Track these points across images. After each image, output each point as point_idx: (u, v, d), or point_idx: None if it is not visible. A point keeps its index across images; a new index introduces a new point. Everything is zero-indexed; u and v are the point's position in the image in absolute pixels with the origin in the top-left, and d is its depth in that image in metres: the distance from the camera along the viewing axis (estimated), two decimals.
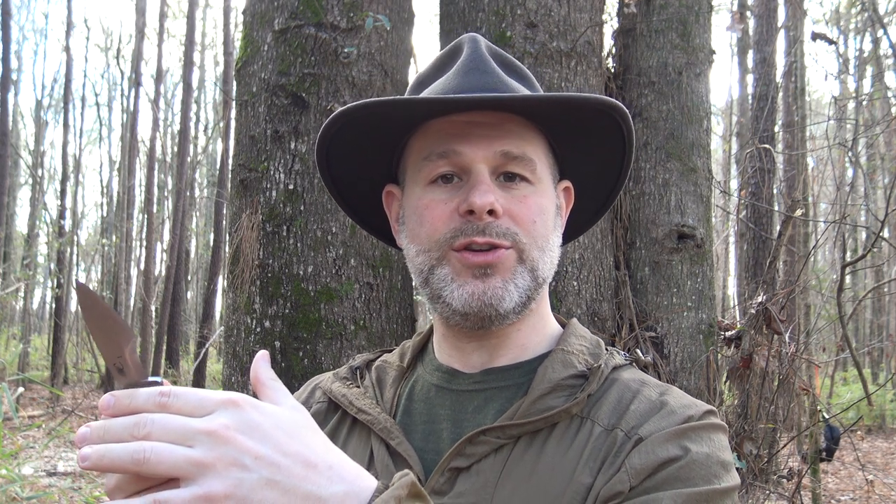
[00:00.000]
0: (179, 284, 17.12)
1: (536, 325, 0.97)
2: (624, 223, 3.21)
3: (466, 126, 0.90)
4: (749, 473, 3.17)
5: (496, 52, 1.00)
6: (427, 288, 0.92)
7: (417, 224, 0.92)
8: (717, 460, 0.82)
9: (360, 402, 0.96)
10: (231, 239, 2.82)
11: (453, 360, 0.97)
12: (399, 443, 0.90)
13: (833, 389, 13.89)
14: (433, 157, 0.91)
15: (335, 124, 0.93)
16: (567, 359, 0.93)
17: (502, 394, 0.92)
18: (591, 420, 0.87)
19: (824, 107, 19.06)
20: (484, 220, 0.87)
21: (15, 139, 23.20)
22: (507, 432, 0.87)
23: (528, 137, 0.92)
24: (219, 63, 22.97)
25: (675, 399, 0.88)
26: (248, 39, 2.91)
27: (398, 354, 1.04)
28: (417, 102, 0.89)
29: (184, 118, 16.75)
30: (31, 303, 25.53)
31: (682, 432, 0.83)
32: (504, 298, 0.88)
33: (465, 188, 0.89)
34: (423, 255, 0.92)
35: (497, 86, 0.93)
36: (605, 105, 0.91)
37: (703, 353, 3.13)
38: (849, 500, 7.70)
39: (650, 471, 0.80)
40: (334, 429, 0.98)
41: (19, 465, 6.25)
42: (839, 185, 12.03)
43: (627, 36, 3.39)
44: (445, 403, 0.94)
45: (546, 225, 0.92)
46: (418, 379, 0.99)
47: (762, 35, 9.67)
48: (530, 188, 0.91)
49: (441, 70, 1.00)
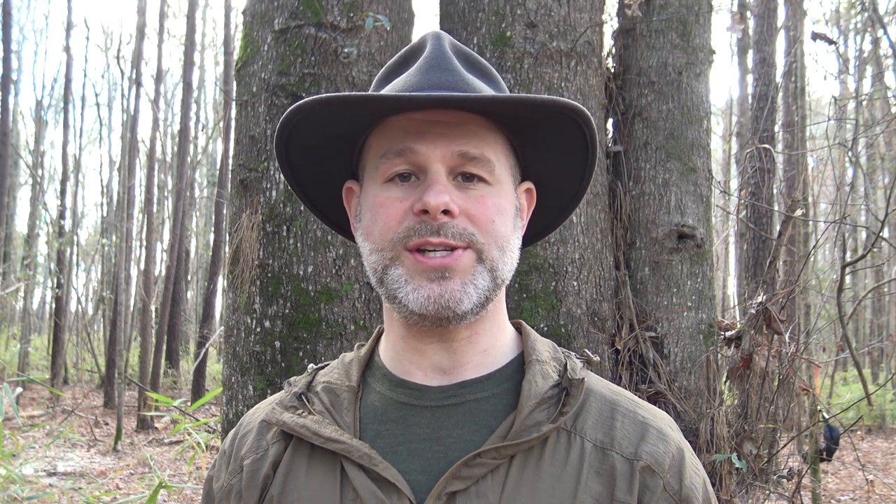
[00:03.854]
0: (179, 284, 17.12)
1: (494, 328, 0.95)
2: (624, 223, 3.21)
3: (424, 125, 0.88)
4: (749, 473, 3.17)
5: (460, 49, 0.98)
6: (382, 287, 0.90)
7: (372, 222, 0.90)
8: (708, 490, 0.93)
9: (325, 430, 0.90)
10: (231, 239, 2.82)
11: (413, 367, 0.93)
12: (385, 468, 0.86)
13: (833, 389, 13.88)
14: (390, 156, 0.89)
15: (293, 119, 0.92)
16: (544, 369, 0.92)
17: (479, 406, 0.91)
18: (579, 435, 0.89)
19: (824, 107, 19.06)
20: (438, 220, 0.85)
21: (15, 139, 23.20)
22: (503, 453, 0.85)
23: (488, 138, 0.90)
24: (219, 63, 22.99)
25: (649, 415, 0.93)
26: (248, 39, 2.91)
27: (342, 373, 0.98)
28: (373, 99, 0.88)
29: (184, 118, 16.74)
30: (31, 303, 25.54)
31: (683, 468, 0.91)
32: (462, 301, 0.86)
33: (421, 187, 0.87)
34: (377, 253, 0.90)
35: (458, 84, 0.91)
36: (566, 107, 0.89)
37: (703, 353, 3.13)
38: (849, 500, 7.70)
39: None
40: (289, 464, 0.92)
41: (20, 466, 6.25)
42: (839, 185, 12.02)
43: (627, 36, 3.39)
44: (422, 422, 0.90)
45: (505, 225, 0.90)
46: (377, 398, 0.94)
47: (762, 35, 9.67)
48: (488, 189, 0.89)
49: (403, 66, 0.98)
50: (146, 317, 14.90)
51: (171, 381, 17.20)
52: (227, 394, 2.77)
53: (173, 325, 17.22)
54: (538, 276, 2.82)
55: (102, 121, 25.81)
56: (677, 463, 0.89)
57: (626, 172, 3.25)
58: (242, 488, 0.94)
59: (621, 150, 3.28)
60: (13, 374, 15.65)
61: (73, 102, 21.41)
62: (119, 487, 7.81)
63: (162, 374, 15.77)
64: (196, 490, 7.10)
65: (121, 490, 7.60)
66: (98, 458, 9.82)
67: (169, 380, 17.06)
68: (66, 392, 16.61)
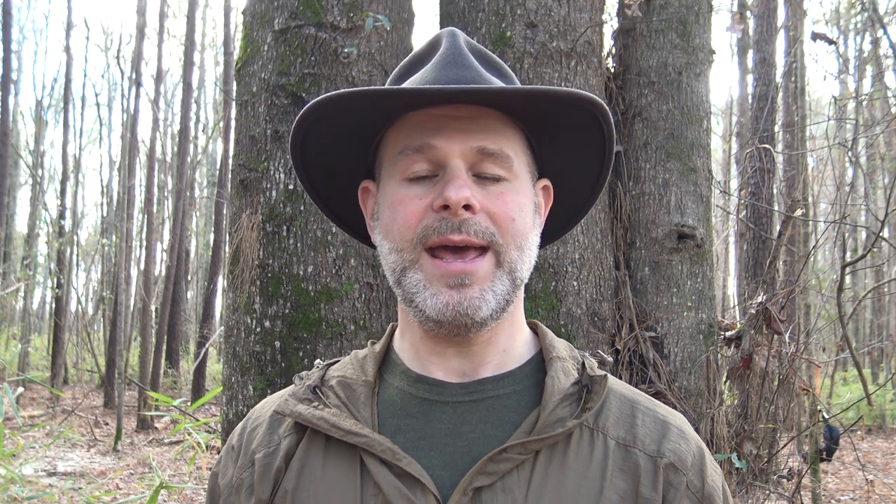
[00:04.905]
0: (179, 284, 17.12)
1: (513, 328, 0.95)
2: (624, 223, 3.21)
3: (443, 120, 0.87)
4: (749, 473, 3.17)
5: (475, 46, 0.98)
6: (399, 289, 0.89)
7: (391, 220, 0.89)
8: (726, 490, 0.94)
9: (344, 423, 0.88)
10: (231, 239, 2.82)
11: (433, 366, 0.93)
12: (408, 463, 0.85)
13: (833, 389, 13.89)
14: (408, 152, 0.88)
15: (310, 116, 0.91)
16: (565, 367, 0.93)
17: (502, 403, 0.90)
18: (602, 433, 0.89)
19: (824, 107, 19.06)
20: (460, 216, 0.84)
21: (15, 139, 23.20)
22: (528, 447, 0.85)
23: (506, 133, 0.90)
24: (219, 63, 22.98)
25: (668, 414, 0.95)
26: (248, 39, 2.91)
27: (357, 368, 0.96)
28: (391, 92, 0.87)
29: (184, 118, 16.74)
30: (31, 303, 25.54)
31: (705, 466, 0.92)
32: (481, 308, 0.85)
33: (441, 183, 0.86)
34: (396, 253, 0.89)
35: (475, 79, 0.91)
36: (584, 100, 0.88)
37: (703, 353, 3.13)
38: (849, 500, 7.70)
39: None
40: (304, 457, 0.91)
41: (20, 466, 6.25)
42: (839, 185, 12.03)
43: (627, 36, 3.39)
44: (443, 417, 0.89)
45: (525, 223, 0.90)
46: (395, 393, 0.93)
47: (762, 35, 9.67)
48: (507, 185, 0.89)
49: (419, 63, 0.98)
50: (146, 317, 14.90)
51: (171, 381, 17.21)
52: (227, 394, 2.77)
53: (173, 325, 17.21)
54: (538, 276, 2.82)
55: (102, 121, 25.81)
56: (699, 461, 0.90)
57: (626, 172, 3.25)
58: (255, 482, 0.92)
59: (621, 150, 3.28)
60: (13, 374, 15.65)
61: (73, 102, 21.42)
62: (119, 487, 7.81)
63: (162, 374, 15.77)
64: (196, 490, 7.10)
65: (121, 490, 7.60)
66: (98, 458, 9.82)
67: (169, 380, 17.07)
68: (66, 392, 16.62)
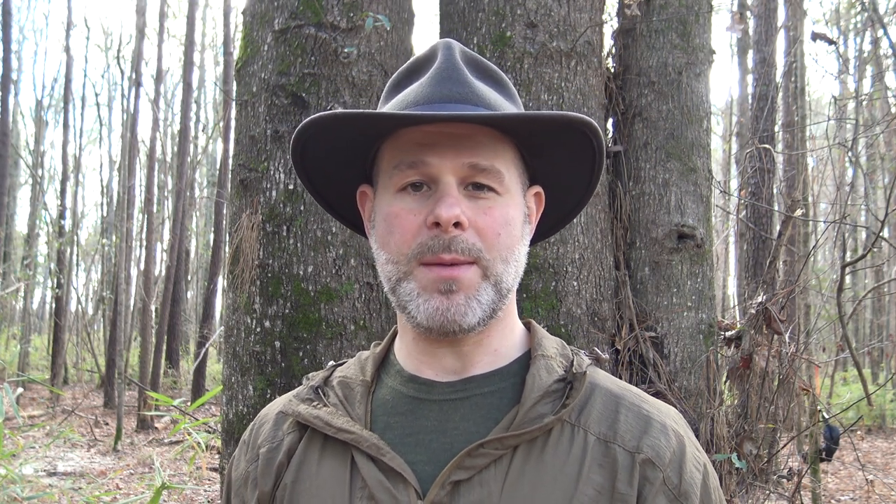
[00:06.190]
0: (179, 284, 17.12)
1: (505, 330, 0.99)
2: (624, 223, 3.21)
3: (436, 136, 0.91)
4: (749, 473, 3.17)
5: (470, 58, 1.01)
6: (394, 296, 0.95)
7: (387, 232, 0.94)
8: (710, 487, 0.94)
9: (337, 421, 0.95)
10: (231, 239, 2.82)
11: (424, 366, 0.98)
12: (391, 458, 0.90)
13: (833, 389, 13.89)
14: (402, 167, 0.93)
15: (306, 132, 0.96)
16: (549, 364, 0.96)
17: (486, 400, 0.94)
18: (583, 428, 0.91)
19: (824, 107, 19.06)
20: (450, 233, 0.89)
21: (15, 139, 23.19)
22: (505, 443, 0.88)
23: (498, 148, 0.94)
24: (219, 63, 22.97)
25: (654, 410, 0.95)
26: (248, 39, 2.91)
27: (357, 368, 1.03)
28: (383, 117, 0.92)
29: (184, 118, 16.74)
30: (31, 303, 25.53)
31: (684, 462, 0.92)
32: (467, 315, 0.90)
33: (433, 198, 0.91)
34: (392, 265, 0.94)
35: (468, 96, 0.95)
36: (575, 122, 0.93)
37: (703, 353, 3.13)
38: (849, 500, 7.70)
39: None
40: (303, 453, 0.97)
41: (20, 466, 6.25)
42: (839, 185, 12.03)
43: (627, 36, 3.39)
44: (430, 415, 0.94)
45: (511, 236, 0.94)
46: (388, 392, 0.99)
47: (762, 35, 9.67)
48: (497, 199, 0.93)
49: (414, 75, 1.01)
50: (146, 317, 14.90)
51: (171, 381, 17.21)
52: (227, 394, 2.77)
53: (173, 325, 17.22)
54: (538, 276, 2.82)
55: (102, 121, 25.79)
56: (678, 457, 0.91)
57: (626, 172, 3.25)
58: (258, 475, 0.99)
59: (621, 150, 3.28)
60: (13, 374, 15.66)
61: (73, 102, 21.42)
62: (119, 487, 7.81)
63: (162, 374, 15.77)
64: (196, 490, 7.11)
65: (121, 490, 7.61)
66: (98, 458, 9.82)
67: (169, 380, 17.07)
68: (66, 392, 16.62)
